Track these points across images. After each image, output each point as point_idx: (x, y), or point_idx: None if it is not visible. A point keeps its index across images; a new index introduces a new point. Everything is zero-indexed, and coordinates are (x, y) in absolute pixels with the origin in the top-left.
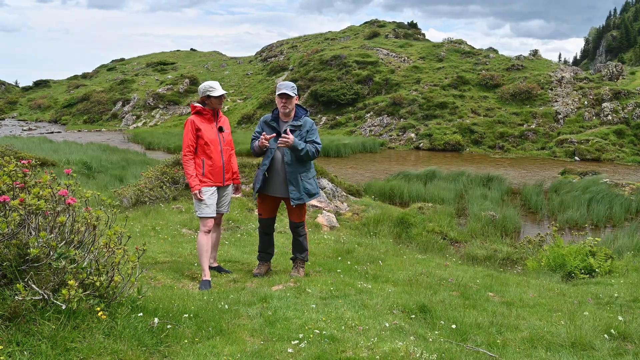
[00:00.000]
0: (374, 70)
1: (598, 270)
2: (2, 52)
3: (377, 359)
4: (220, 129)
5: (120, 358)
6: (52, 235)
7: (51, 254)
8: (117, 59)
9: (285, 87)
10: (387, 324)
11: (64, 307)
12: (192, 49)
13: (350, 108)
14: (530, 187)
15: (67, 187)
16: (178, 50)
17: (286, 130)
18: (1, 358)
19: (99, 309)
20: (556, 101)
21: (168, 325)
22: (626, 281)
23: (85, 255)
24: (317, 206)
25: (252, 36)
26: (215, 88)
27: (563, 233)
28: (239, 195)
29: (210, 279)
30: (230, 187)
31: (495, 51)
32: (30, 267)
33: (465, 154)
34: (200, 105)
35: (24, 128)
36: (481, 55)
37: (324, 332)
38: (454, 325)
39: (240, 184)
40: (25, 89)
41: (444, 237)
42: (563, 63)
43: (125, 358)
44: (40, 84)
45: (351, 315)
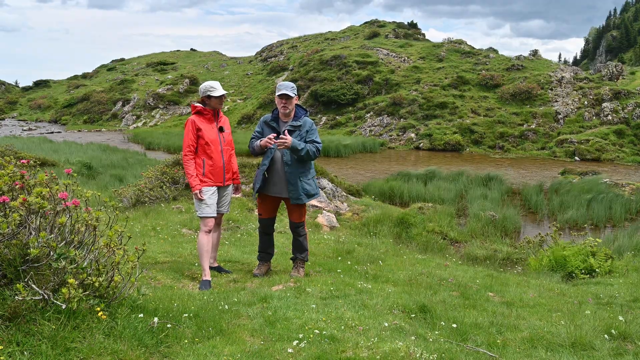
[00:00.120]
0: (374, 70)
1: (598, 270)
2: (2, 52)
3: (377, 359)
4: (221, 129)
5: (120, 358)
6: (52, 236)
7: (51, 254)
8: (117, 59)
9: (285, 87)
10: (387, 324)
11: (64, 307)
12: (192, 49)
13: (350, 108)
14: (530, 187)
15: (66, 187)
16: (178, 50)
17: (284, 132)
18: (1, 358)
19: (99, 309)
20: (556, 101)
21: (168, 325)
22: (626, 281)
23: (85, 256)
24: (317, 206)
25: (252, 36)
26: (215, 88)
27: (562, 233)
28: (239, 195)
29: (210, 279)
30: (231, 187)
31: (495, 51)
32: (30, 267)
33: (465, 154)
34: (201, 105)
35: (24, 128)
36: (481, 55)
37: (324, 332)
38: (454, 325)
39: (240, 184)
40: (25, 89)
41: (444, 237)
42: (563, 63)
43: (125, 358)
44: (40, 84)
45: (351, 315)
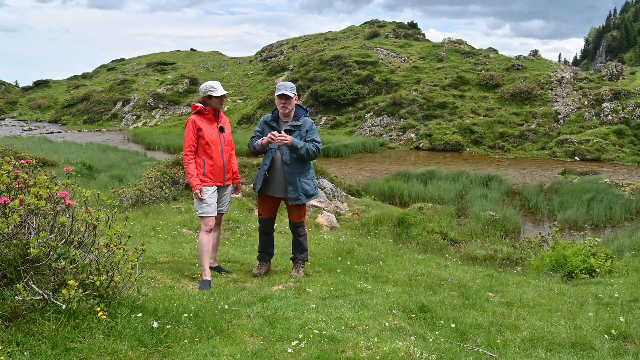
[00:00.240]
0: (374, 70)
1: (598, 270)
2: (2, 52)
3: (377, 359)
4: (221, 129)
5: (120, 358)
6: (52, 236)
7: (51, 254)
8: (117, 59)
9: (284, 87)
10: (387, 324)
11: (64, 307)
12: (192, 49)
13: (350, 108)
14: (530, 187)
15: (65, 187)
16: (178, 51)
17: (284, 132)
18: (1, 358)
19: (99, 309)
20: (556, 101)
21: (168, 326)
22: (626, 281)
23: (85, 255)
24: (317, 206)
25: (252, 36)
26: (216, 88)
27: (564, 234)
28: (238, 195)
29: (210, 279)
30: (230, 187)
31: (495, 51)
32: (30, 267)
33: (465, 154)
34: (202, 105)
35: (24, 128)
36: (481, 55)
37: (324, 332)
38: (453, 325)
39: (240, 184)
40: (25, 89)
41: (444, 237)
42: (563, 63)
43: (125, 358)
44: (40, 84)
45: (351, 315)
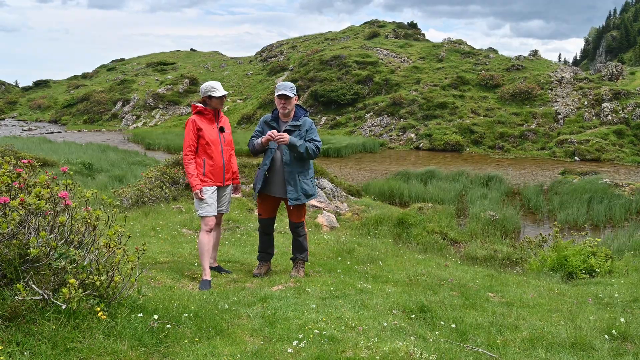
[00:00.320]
0: (374, 71)
1: (598, 270)
2: (2, 52)
3: (377, 359)
4: (221, 129)
5: (120, 358)
6: (52, 235)
7: (51, 254)
8: (117, 59)
9: (284, 87)
10: (387, 324)
11: (64, 307)
12: (192, 49)
13: (350, 108)
14: (530, 187)
15: (65, 187)
16: (178, 51)
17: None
18: (1, 358)
19: (99, 309)
20: (556, 101)
21: (168, 326)
22: (626, 281)
23: (85, 255)
24: (317, 206)
25: (252, 36)
26: (216, 89)
27: (565, 234)
28: (238, 195)
29: (210, 279)
30: (230, 187)
31: (495, 51)
32: (30, 267)
33: (465, 154)
34: (202, 105)
35: (24, 128)
36: (481, 55)
37: (324, 332)
38: (453, 325)
39: (239, 184)
40: (25, 89)
41: (444, 237)
42: (563, 63)
43: (125, 358)
44: (40, 84)
45: (351, 315)
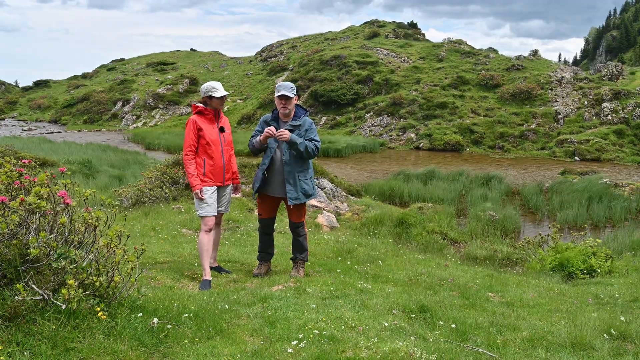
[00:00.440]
0: (374, 70)
1: (598, 270)
2: (2, 52)
3: (377, 359)
4: (222, 129)
5: (120, 358)
6: (52, 236)
7: (51, 254)
8: (117, 59)
9: (284, 88)
10: (387, 324)
11: (64, 307)
12: (192, 49)
13: (350, 108)
14: (530, 187)
15: (65, 187)
16: (178, 51)
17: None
18: (1, 358)
19: (99, 309)
20: (556, 101)
21: (168, 326)
22: (626, 281)
23: (85, 256)
24: (317, 206)
25: (252, 36)
26: (217, 89)
27: (562, 235)
28: (238, 195)
29: (210, 279)
30: (230, 187)
31: (495, 51)
32: (30, 267)
33: (465, 154)
34: (202, 106)
35: (24, 128)
36: (481, 55)
37: (324, 332)
38: (454, 326)
39: (239, 184)
40: (25, 89)
41: (444, 237)
42: (563, 63)
43: (125, 358)
44: (40, 84)
45: (351, 315)
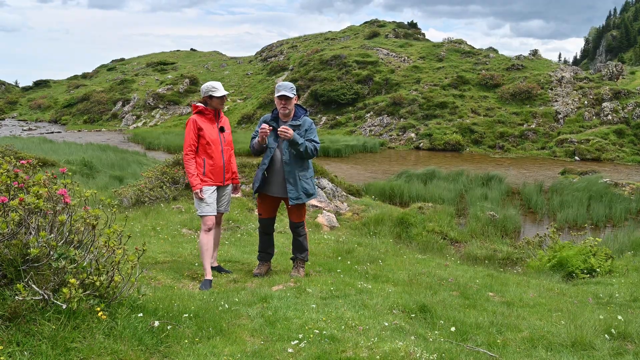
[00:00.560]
0: (374, 70)
1: (598, 270)
2: (2, 52)
3: (377, 359)
4: (222, 129)
5: (121, 358)
6: (52, 235)
7: (51, 254)
8: (117, 59)
9: (284, 88)
10: (387, 324)
11: (64, 307)
12: (192, 49)
13: (350, 108)
14: (530, 187)
15: (64, 187)
16: (178, 50)
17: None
18: (1, 358)
19: (99, 309)
20: (556, 101)
21: (168, 326)
22: (626, 281)
23: (85, 255)
24: (317, 206)
25: (252, 36)
26: (217, 89)
27: (562, 234)
28: (238, 195)
29: (211, 279)
30: (230, 187)
31: (495, 51)
32: (30, 267)
33: (465, 154)
34: (202, 105)
35: (24, 128)
36: (481, 55)
37: (324, 332)
38: (453, 326)
39: (239, 184)
40: (25, 89)
41: (444, 237)
42: (563, 63)
43: (125, 358)
44: (40, 84)
45: (351, 315)
